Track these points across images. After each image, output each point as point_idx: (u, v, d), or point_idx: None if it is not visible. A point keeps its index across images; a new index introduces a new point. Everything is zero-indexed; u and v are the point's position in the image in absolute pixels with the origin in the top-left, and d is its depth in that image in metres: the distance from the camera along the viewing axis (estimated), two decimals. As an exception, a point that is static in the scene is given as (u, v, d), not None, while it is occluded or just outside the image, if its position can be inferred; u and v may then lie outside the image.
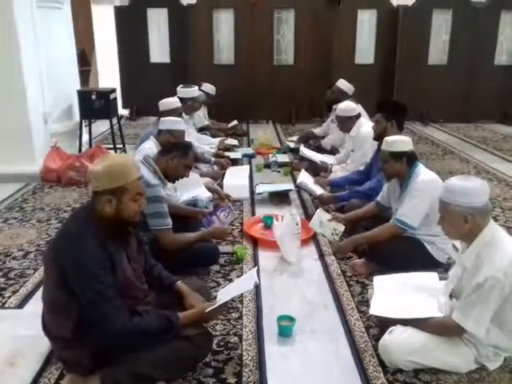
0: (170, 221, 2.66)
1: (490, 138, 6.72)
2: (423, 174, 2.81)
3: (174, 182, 2.92)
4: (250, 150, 5.69)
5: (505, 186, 4.60)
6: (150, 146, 3.31)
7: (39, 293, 2.05)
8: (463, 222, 1.91)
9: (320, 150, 5.27)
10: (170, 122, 3.49)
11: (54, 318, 1.85)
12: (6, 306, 2.52)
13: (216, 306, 1.99)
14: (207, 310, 1.96)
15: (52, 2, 4.85)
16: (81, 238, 1.76)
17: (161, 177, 2.73)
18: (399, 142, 2.81)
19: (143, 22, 7.51)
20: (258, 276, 2.75)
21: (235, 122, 6.65)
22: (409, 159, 2.80)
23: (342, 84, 5.08)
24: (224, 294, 2.11)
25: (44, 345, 2.08)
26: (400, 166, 2.80)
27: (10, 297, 2.60)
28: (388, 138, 2.86)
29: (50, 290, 1.83)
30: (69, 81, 5.24)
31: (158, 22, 7.56)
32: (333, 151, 5.02)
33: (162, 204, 2.63)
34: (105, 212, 1.80)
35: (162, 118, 3.49)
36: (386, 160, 2.84)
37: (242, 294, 2.53)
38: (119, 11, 7.54)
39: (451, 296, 2.07)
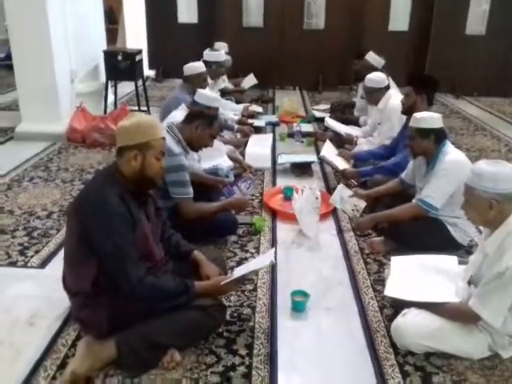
0: (191, 190, 2.67)
1: (525, 115, 6.45)
2: (451, 153, 2.71)
3: (197, 151, 2.91)
4: (274, 118, 5.60)
5: (536, 166, 4.43)
6: (181, 115, 3.27)
7: (61, 253, 2.10)
8: (488, 208, 1.85)
9: (346, 121, 5.16)
10: (207, 98, 3.29)
11: (75, 272, 1.90)
12: (29, 265, 2.60)
13: (232, 279, 2.00)
14: (223, 283, 1.98)
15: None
16: (103, 194, 1.80)
17: (184, 146, 2.72)
18: (428, 118, 2.72)
19: (172, -20, 7.33)
20: (275, 247, 2.80)
21: (253, 80, 6.32)
22: (437, 137, 2.71)
23: (372, 58, 4.85)
24: (240, 271, 2.12)
25: (63, 306, 2.15)
26: (427, 144, 2.72)
27: (32, 256, 2.68)
28: (416, 114, 2.76)
29: (72, 242, 1.88)
30: (95, 40, 5.20)
31: (187, -20, 7.36)
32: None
33: (184, 173, 2.63)
34: (130, 167, 1.84)
35: (198, 90, 3.39)
36: (413, 136, 2.76)
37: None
38: (148, -31, 7.37)
39: (469, 283, 2.03)
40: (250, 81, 6.62)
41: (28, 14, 4.34)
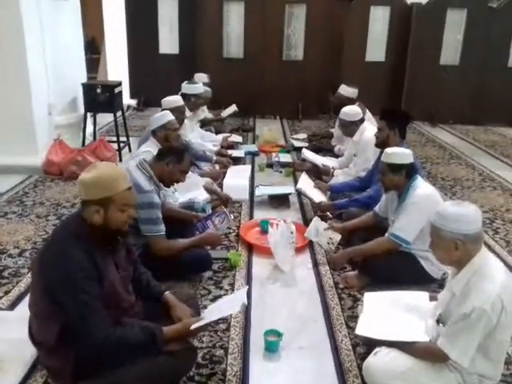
0: (162, 227, 2.66)
1: (499, 143, 6.62)
2: (421, 187, 2.76)
3: (169, 187, 2.91)
4: (253, 148, 5.66)
5: (509, 195, 4.54)
6: (149, 149, 3.29)
7: (30, 295, 2.05)
8: (454, 249, 1.88)
9: (324, 150, 5.24)
10: (157, 119, 3.49)
11: (40, 325, 1.87)
12: (-2, 306, 2.55)
13: (201, 324, 1.98)
14: (192, 327, 1.96)
15: (59, -7, 4.82)
16: (67, 249, 1.76)
17: (156, 182, 2.72)
18: (399, 154, 2.77)
19: (153, 12, 7.46)
20: (250, 284, 2.79)
21: (234, 108, 6.43)
22: (408, 172, 2.76)
23: (344, 90, 5.00)
24: (211, 312, 2.10)
25: (31, 351, 2.09)
26: (398, 179, 2.77)
27: (1, 297, 2.62)
28: (388, 150, 2.81)
29: (37, 298, 1.84)
30: (75, 72, 5.23)
31: (168, 12, 7.50)
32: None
33: (155, 210, 2.63)
34: (93, 221, 1.81)
35: (150, 119, 3.49)
36: (384, 172, 2.80)
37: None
38: (130, 1, 7.48)
39: (438, 321, 2.05)
40: (229, 109, 6.70)
41: (5, 46, 4.36)
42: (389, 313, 2.21)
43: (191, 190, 3.70)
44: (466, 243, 1.86)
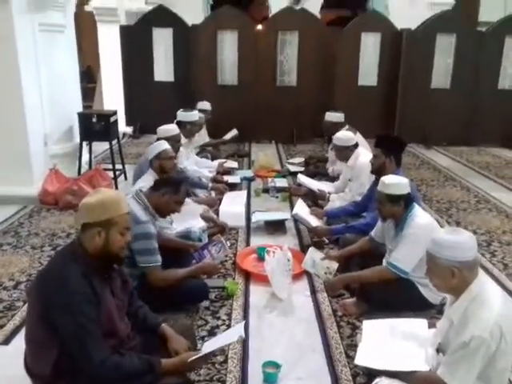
0: (159, 258, 2.65)
1: (493, 164, 6.67)
2: (419, 216, 2.76)
3: (165, 217, 2.91)
4: (249, 173, 5.68)
5: (505, 217, 4.55)
6: (146, 184, 3.29)
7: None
8: (451, 276, 1.88)
9: (319, 174, 5.26)
10: (152, 149, 3.58)
11: (36, 355, 1.85)
12: (-8, 342, 2.51)
13: (199, 356, 1.96)
14: (190, 360, 1.94)
15: (54, 26, 4.89)
16: (65, 272, 1.77)
17: (152, 212, 2.72)
18: (397, 184, 2.76)
19: (148, 41, 7.57)
20: (248, 314, 2.77)
21: (234, 132, 6.60)
22: (406, 202, 2.76)
23: (330, 117, 5.09)
24: (209, 346, 2.07)
25: (25, 387, 2.05)
26: (397, 209, 2.76)
27: (-4, 332, 2.59)
28: (385, 180, 2.80)
29: (33, 326, 1.83)
30: (71, 102, 5.26)
31: (163, 41, 7.61)
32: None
33: (151, 241, 2.62)
34: (94, 243, 1.83)
35: (146, 149, 3.56)
36: (382, 201, 2.80)
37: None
38: (125, 30, 7.62)
39: (438, 350, 2.03)
40: (231, 133, 6.79)
41: (2, 79, 4.39)
42: (388, 341, 2.20)
43: (187, 219, 3.69)
44: (462, 270, 1.86)
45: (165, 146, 3.60)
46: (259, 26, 7.64)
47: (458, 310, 1.90)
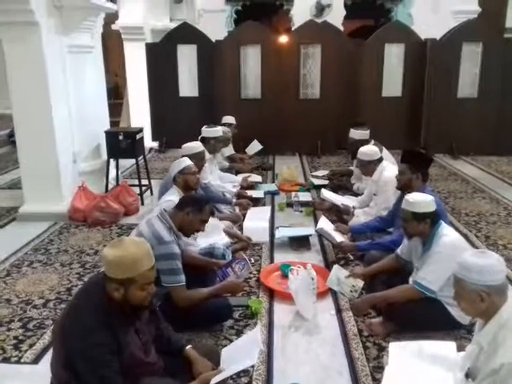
0: (183, 277, 2.66)
1: (524, 174, 6.49)
2: (447, 235, 2.70)
3: (189, 237, 2.94)
4: (273, 187, 5.68)
5: (536, 231, 4.41)
6: (171, 198, 3.34)
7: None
8: (480, 301, 1.83)
9: (343, 188, 5.23)
10: (176, 166, 3.62)
11: None
12: (22, 360, 2.57)
13: (220, 379, 1.95)
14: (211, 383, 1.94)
15: (82, 47, 5.04)
16: (88, 320, 1.75)
17: (176, 232, 2.75)
18: (422, 202, 2.71)
19: (173, 57, 7.70)
20: (272, 333, 2.76)
21: (259, 147, 6.76)
22: (432, 220, 2.71)
23: (354, 134, 5.02)
24: (228, 359, 2.07)
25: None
26: (423, 227, 2.71)
27: (26, 350, 2.65)
28: (410, 198, 2.76)
29: (58, 365, 1.84)
30: (98, 121, 5.39)
31: (187, 57, 7.73)
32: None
33: (175, 261, 2.64)
34: (113, 296, 1.81)
35: (171, 167, 3.64)
36: (407, 220, 2.75)
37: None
38: (150, 48, 7.78)
39: (467, 375, 1.97)
40: (254, 147, 6.85)
41: (31, 97, 4.54)
42: (415, 365, 2.15)
43: (211, 235, 3.72)
44: (491, 294, 1.81)
45: (188, 162, 3.66)
46: (282, 38, 7.69)
47: (487, 335, 1.85)
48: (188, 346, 2.17)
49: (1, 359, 2.59)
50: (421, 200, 2.72)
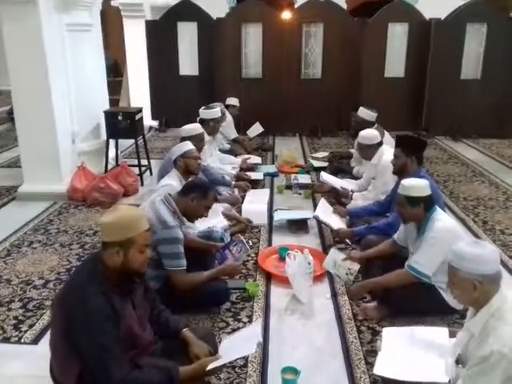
0: (184, 262, 2.70)
1: (525, 158, 6.47)
2: (441, 220, 2.72)
3: (193, 222, 2.96)
4: (273, 168, 5.68)
5: (535, 217, 4.42)
6: (170, 182, 3.35)
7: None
8: (472, 289, 1.85)
9: (342, 171, 5.22)
10: (177, 149, 3.60)
11: (60, 366, 1.92)
12: (22, 340, 2.62)
13: (217, 365, 2.00)
14: (208, 369, 1.98)
15: (81, 25, 4.97)
16: (86, 291, 1.81)
17: (180, 217, 2.77)
18: (416, 187, 2.73)
19: (173, 35, 7.60)
20: (268, 316, 2.80)
21: (260, 129, 6.72)
22: (426, 204, 2.73)
23: (363, 113, 4.99)
24: (227, 348, 2.11)
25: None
26: (417, 211, 2.74)
27: (26, 331, 2.69)
28: (405, 182, 2.78)
29: (57, 339, 1.89)
30: (97, 101, 5.36)
31: (187, 35, 7.63)
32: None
33: (177, 245, 2.67)
34: (112, 262, 1.86)
35: (170, 150, 3.61)
36: (402, 204, 2.78)
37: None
38: (150, 25, 7.67)
39: (457, 361, 2.01)
40: (256, 130, 6.81)
41: (29, 77, 4.50)
42: (408, 351, 2.19)
43: (210, 218, 3.72)
44: (483, 284, 1.83)
45: (190, 146, 3.64)
46: (284, 15, 7.55)
47: (478, 323, 1.87)
48: (185, 329, 2.21)
49: (1, 339, 2.63)
50: (415, 184, 2.74)
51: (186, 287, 2.69)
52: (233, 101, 6.33)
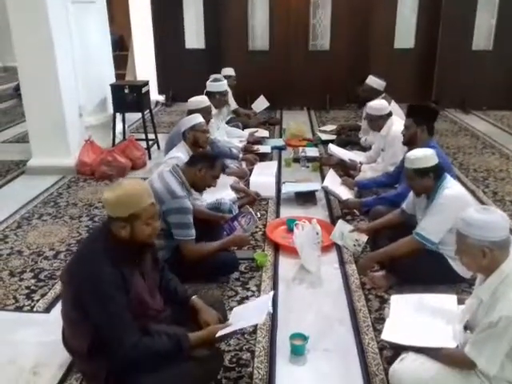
0: (193, 232, 2.71)
1: (536, 130, 6.38)
2: (450, 187, 2.70)
3: (201, 192, 2.97)
4: (280, 142, 5.64)
5: (546, 188, 4.38)
6: (179, 154, 3.34)
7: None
8: (481, 256, 1.84)
9: (351, 143, 5.18)
10: (187, 121, 3.58)
11: (72, 333, 1.95)
12: (35, 309, 2.67)
13: (227, 331, 2.02)
14: (217, 335, 2.00)
15: (86, -3, 4.90)
16: (95, 261, 1.82)
17: (188, 187, 2.78)
18: (422, 158, 2.70)
19: (179, 7, 7.48)
20: (277, 286, 2.82)
21: (266, 104, 6.59)
22: (435, 174, 2.70)
23: (373, 81, 4.91)
24: (237, 316, 2.14)
25: (66, 354, 2.16)
26: (427, 182, 2.71)
27: (38, 300, 2.74)
28: (410, 155, 2.75)
29: (67, 308, 1.92)
30: (103, 74, 5.32)
31: (193, 7, 7.51)
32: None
33: (187, 215, 2.68)
34: (120, 235, 1.86)
35: (180, 122, 3.58)
36: (411, 177, 2.76)
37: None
38: (155, -3, 7.54)
39: (466, 327, 2.02)
40: (261, 104, 6.72)
41: (35, 51, 4.47)
42: (416, 317, 2.20)
43: (218, 191, 3.72)
44: (493, 250, 1.82)
45: (199, 119, 3.61)
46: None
47: (487, 289, 1.87)
48: (194, 296, 2.23)
49: (14, 308, 2.68)
50: (420, 155, 2.70)
51: (195, 257, 2.71)
52: (228, 71, 6.09)
